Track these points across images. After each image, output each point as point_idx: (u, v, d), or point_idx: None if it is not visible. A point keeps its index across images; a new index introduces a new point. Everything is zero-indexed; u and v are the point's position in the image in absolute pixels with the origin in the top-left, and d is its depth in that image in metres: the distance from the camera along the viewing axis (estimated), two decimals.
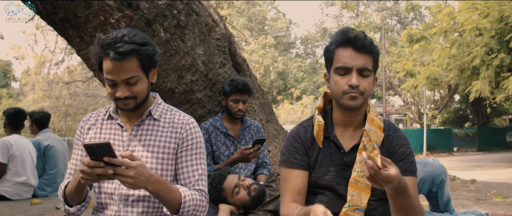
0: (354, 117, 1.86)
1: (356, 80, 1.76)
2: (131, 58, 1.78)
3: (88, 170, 1.59)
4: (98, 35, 1.84)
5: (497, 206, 3.66)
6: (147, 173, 1.69)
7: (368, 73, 1.78)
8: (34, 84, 27.67)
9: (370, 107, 1.86)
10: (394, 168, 1.51)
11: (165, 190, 1.77)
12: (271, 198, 2.72)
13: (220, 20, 3.94)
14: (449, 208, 2.73)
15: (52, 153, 5.08)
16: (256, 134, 3.49)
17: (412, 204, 1.65)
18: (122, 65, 1.78)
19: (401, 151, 1.84)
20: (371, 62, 1.79)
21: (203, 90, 3.61)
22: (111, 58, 1.76)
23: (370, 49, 1.78)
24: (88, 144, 1.55)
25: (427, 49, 16.20)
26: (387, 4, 37.89)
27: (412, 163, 1.83)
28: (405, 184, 1.58)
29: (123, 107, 1.89)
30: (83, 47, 3.31)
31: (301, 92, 34.24)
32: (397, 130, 1.91)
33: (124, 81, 1.81)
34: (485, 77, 13.92)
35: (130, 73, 1.81)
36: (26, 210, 3.91)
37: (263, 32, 37.13)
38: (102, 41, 1.79)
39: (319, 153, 1.89)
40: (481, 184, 5.14)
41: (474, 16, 13.46)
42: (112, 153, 1.58)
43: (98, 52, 1.81)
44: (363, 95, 1.78)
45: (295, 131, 1.95)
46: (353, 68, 1.76)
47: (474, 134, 26.00)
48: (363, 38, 1.77)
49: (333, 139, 1.87)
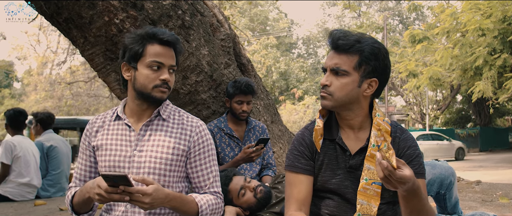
0: (348, 119, 1.83)
1: (325, 79, 1.77)
2: (175, 47, 1.92)
3: (105, 195, 1.63)
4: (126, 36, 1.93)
5: (504, 208, 3.63)
6: (162, 194, 1.72)
7: (342, 73, 1.74)
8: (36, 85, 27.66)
9: (377, 110, 1.81)
10: (408, 169, 1.49)
11: (182, 203, 1.83)
12: (277, 200, 2.70)
13: (224, 21, 3.92)
14: (457, 210, 2.71)
15: (55, 153, 5.07)
16: (261, 135, 3.47)
17: (425, 206, 1.63)
18: (171, 52, 1.91)
19: (409, 153, 1.81)
20: (350, 62, 1.74)
21: (208, 91, 3.59)
22: (166, 39, 1.87)
23: (346, 48, 1.73)
24: (106, 174, 1.59)
25: (430, 50, 16.20)
26: (389, 4, 37.85)
27: (421, 165, 1.80)
28: (418, 186, 1.56)
29: (160, 94, 1.92)
30: (87, 47, 3.29)
31: (303, 92, 34.21)
32: (405, 132, 1.87)
33: (170, 68, 1.91)
34: (488, 78, 13.90)
35: (174, 61, 1.93)
36: (30, 212, 3.89)
37: (265, 33, 37.10)
38: (147, 31, 1.89)
39: (325, 156, 1.86)
40: (487, 185, 5.11)
41: (477, 17, 13.44)
42: (129, 183, 1.61)
43: (144, 38, 1.88)
44: (332, 96, 1.76)
45: (301, 135, 1.92)
46: (328, 68, 1.78)
47: (476, 134, 25.99)
48: (337, 38, 1.75)
49: (339, 142, 1.84)
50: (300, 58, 40.75)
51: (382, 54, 1.76)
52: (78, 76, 22.81)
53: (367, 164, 1.74)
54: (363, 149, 1.81)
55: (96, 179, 1.68)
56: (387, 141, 1.47)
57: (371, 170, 1.73)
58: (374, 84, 1.78)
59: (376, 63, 1.74)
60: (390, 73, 1.86)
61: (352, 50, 1.73)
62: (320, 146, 1.84)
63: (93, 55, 3.32)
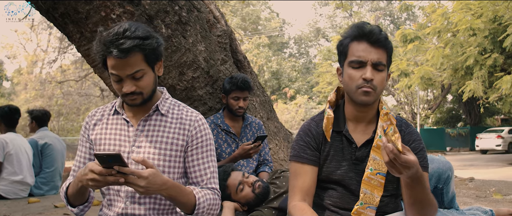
0: (366, 112, 1.85)
1: (371, 74, 1.74)
2: (135, 53, 1.74)
3: (99, 178, 1.58)
4: (99, 31, 1.79)
5: (498, 203, 3.67)
6: (160, 180, 1.66)
7: (382, 68, 1.76)
8: (27, 84, 27.46)
9: (383, 103, 1.84)
10: (413, 155, 1.50)
11: (179, 194, 1.76)
12: (275, 195, 2.71)
13: (221, 17, 3.91)
14: (453, 205, 2.73)
15: (49, 151, 5.02)
16: (257, 132, 3.47)
17: (428, 196, 1.64)
18: (126, 61, 1.74)
19: (413, 146, 1.82)
20: (385, 57, 1.78)
21: (204, 87, 3.58)
22: (114, 56, 1.71)
23: (385, 43, 1.76)
24: (99, 154, 1.53)
25: (421, 49, 16.28)
26: (381, 4, 38.04)
27: (424, 158, 1.82)
28: (422, 174, 1.57)
29: (131, 102, 1.85)
30: (84, 43, 3.27)
31: (295, 91, 34.28)
32: (409, 126, 1.90)
33: (129, 76, 1.77)
34: (479, 77, 14.02)
35: (134, 67, 1.76)
36: (24, 209, 3.85)
37: (257, 32, 37.11)
38: (104, 38, 1.74)
39: (331, 148, 1.87)
40: (480, 182, 5.16)
41: (468, 16, 13.54)
42: (123, 162, 1.56)
43: (101, 50, 1.76)
44: (375, 90, 1.76)
45: (307, 126, 1.93)
46: (367, 62, 1.75)
47: (466, 133, 26.21)
48: (378, 32, 1.76)
49: (345, 134, 1.85)
50: (291, 57, 40.81)
51: None
52: (68, 75, 22.64)
53: (373, 154, 1.76)
54: (369, 142, 1.83)
55: (87, 164, 1.61)
56: (393, 124, 1.48)
57: (377, 161, 1.75)
58: (388, 77, 1.84)
59: (391, 59, 1.83)
60: None
61: (385, 45, 1.77)
62: (330, 136, 1.86)
63: (89, 51, 3.30)
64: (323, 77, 25.59)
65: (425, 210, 1.66)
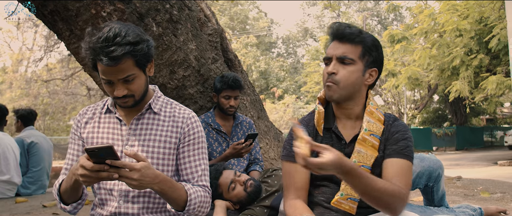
0: (347, 109, 1.86)
1: (332, 67, 1.78)
2: (126, 59, 1.71)
3: (91, 174, 1.55)
4: (87, 32, 1.75)
5: (485, 202, 3.72)
6: (152, 174, 1.65)
7: (349, 62, 1.78)
8: (12, 82, 27.10)
9: (370, 99, 1.86)
10: (329, 154, 1.48)
11: (171, 188, 1.74)
12: (267, 194, 2.71)
13: (212, 16, 3.90)
14: (443, 203, 2.76)
15: (35, 150, 4.96)
16: (248, 130, 3.47)
17: (367, 186, 1.58)
18: (117, 68, 1.71)
19: (396, 136, 1.82)
20: (355, 52, 1.79)
21: (195, 85, 3.57)
22: (104, 64, 1.68)
23: (352, 37, 1.79)
24: (90, 148, 1.49)
25: (408, 49, 16.41)
26: (368, 5, 38.27)
27: (407, 147, 1.79)
28: (352, 167, 1.53)
29: (123, 105, 1.84)
30: (73, 41, 3.24)
31: (283, 91, 34.33)
32: (397, 120, 1.90)
33: (121, 80, 1.76)
34: (465, 77, 14.16)
35: (126, 72, 1.74)
36: (11, 209, 3.80)
37: (245, 32, 37.10)
38: (93, 44, 1.69)
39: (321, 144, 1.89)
40: (467, 181, 5.22)
41: (455, 17, 13.67)
42: (114, 155, 1.53)
43: (90, 54, 1.72)
44: (338, 85, 1.78)
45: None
46: (333, 57, 1.80)
47: (452, 133, 26.48)
48: (344, 28, 1.80)
49: (335, 130, 1.87)
50: (280, 57, 40.85)
51: (380, 47, 1.85)
52: (55, 74, 22.39)
53: (357, 147, 1.78)
54: (357, 137, 1.83)
55: (79, 159, 1.58)
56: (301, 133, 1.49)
57: (361, 153, 1.77)
58: (374, 73, 1.85)
59: (376, 54, 1.82)
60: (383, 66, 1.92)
61: (357, 40, 1.79)
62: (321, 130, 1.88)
63: (79, 49, 3.21)
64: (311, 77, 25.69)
65: (379, 201, 1.60)
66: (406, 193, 1.65)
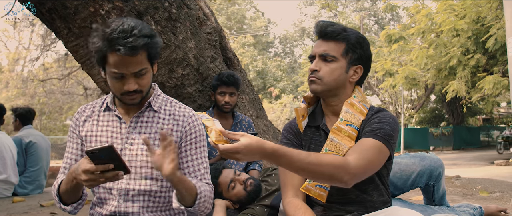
0: (333, 105, 1.88)
1: (314, 65, 1.83)
2: (142, 52, 1.72)
3: (95, 177, 1.54)
4: (95, 27, 1.73)
5: (484, 201, 3.72)
6: None
7: (331, 59, 1.82)
8: (8, 82, 26.98)
9: (355, 93, 1.87)
10: (243, 138, 1.45)
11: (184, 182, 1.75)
12: (267, 193, 2.69)
13: (210, 14, 3.89)
14: (443, 202, 2.75)
15: (33, 149, 4.93)
16: (247, 129, 3.46)
17: (300, 161, 1.52)
18: (133, 59, 1.71)
19: (374, 121, 1.80)
20: (338, 49, 1.83)
21: (194, 84, 3.55)
22: (122, 53, 1.67)
23: (335, 35, 1.82)
24: (90, 150, 1.48)
25: (405, 49, 16.44)
26: (365, 5, 38.29)
27: (380, 129, 1.74)
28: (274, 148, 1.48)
29: (130, 101, 1.83)
30: (72, 39, 3.21)
31: (280, 91, 34.31)
32: (382, 111, 1.87)
33: (133, 74, 1.75)
34: (462, 77, 14.20)
35: (140, 65, 1.74)
36: (9, 208, 3.78)
37: (242, 31, 37.07)
38: (108, 35, 1.67)
39: (311, 142, 1.92)
40: (466, 180, 5.22)
41: (452, 17, 13.69)
42: (115, 155, 1.52)
43: (103, 46, 1.69)
44: (321, 80, 1.82)
45: (288, 124, 2.02)
46: (316, 55, 1.84)
47: (449, 133, 26.53)
48: (326, 26, 1.83)
49: (323, 127, 1.89)
50: (277, 57, 40.84)
51: (366, 44, 1.88)
52: (51, 73, 22.29)
53: (331, 135, 1.79)
54: None
55: (79, 165, 1.57)
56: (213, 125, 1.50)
57: (334, 142, 1.77)
58: (359, 71, 1.87)
59: (361, 51, 1.85)
60: (371, 63, 1.94)
61: (339, 38, 1.82)
62: (303, 128, 1.93)
63: (78, 47, 3.24)
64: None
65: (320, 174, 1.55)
66: (354, 165, 1.58)
